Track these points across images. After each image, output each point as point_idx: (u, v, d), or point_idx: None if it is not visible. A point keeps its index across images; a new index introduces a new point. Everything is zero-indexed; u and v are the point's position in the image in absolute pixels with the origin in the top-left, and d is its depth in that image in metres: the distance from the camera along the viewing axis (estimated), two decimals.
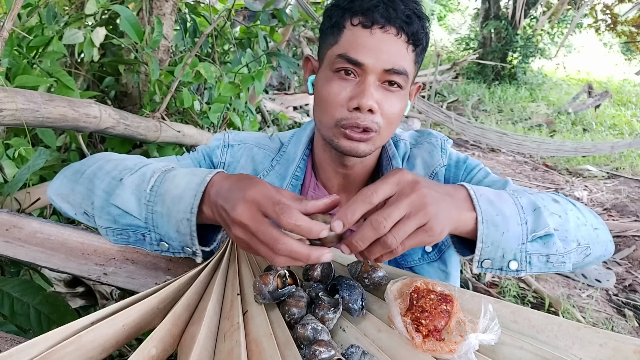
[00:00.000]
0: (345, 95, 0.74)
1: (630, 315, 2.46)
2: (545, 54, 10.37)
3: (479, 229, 0.59)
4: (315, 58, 0.85)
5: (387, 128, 0.77)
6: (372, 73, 0.72)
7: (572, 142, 4.75)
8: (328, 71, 0.77)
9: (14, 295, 0.89)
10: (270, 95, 5.52)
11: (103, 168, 0.69)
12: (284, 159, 0.90)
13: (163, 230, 0.62)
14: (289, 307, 0.57)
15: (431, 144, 0.91)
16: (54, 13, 1.61)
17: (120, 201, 0.63)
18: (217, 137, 0.92)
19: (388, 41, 0.72)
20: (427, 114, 4.70)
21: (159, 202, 0.61)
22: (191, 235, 0.60)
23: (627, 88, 10.68)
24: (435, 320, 0.54)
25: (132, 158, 0.73)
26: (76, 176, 0.71)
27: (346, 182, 0.89)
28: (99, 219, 0.66)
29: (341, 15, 0.74)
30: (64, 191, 0.72)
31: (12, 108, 1.09)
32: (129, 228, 0.64)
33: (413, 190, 0.54)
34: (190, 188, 0.60)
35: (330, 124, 0.77)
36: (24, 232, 0.79)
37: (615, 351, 0.53)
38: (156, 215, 0.61)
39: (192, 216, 0.59)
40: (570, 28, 8.40)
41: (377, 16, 0.71)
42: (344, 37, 0.74)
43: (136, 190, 0.63)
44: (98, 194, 0.66)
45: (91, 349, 0.50)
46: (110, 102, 2.06)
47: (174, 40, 2.15)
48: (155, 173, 0.64)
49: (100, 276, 0.72)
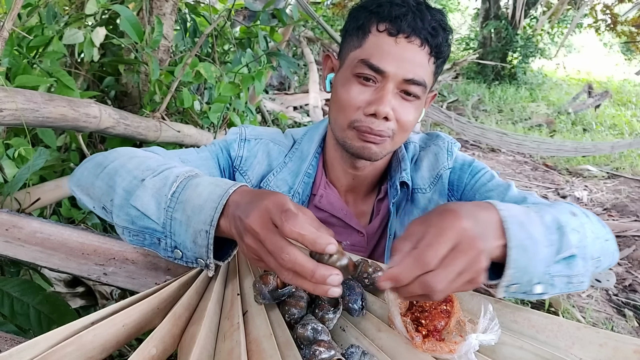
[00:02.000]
0: (363, 100, 0.75)
1: (630, 315, 2.46)
2: (545, 54, 10.37)
3: (509, 255, 0.54)
4: (335, 56, 0.85)
5: (400, 135, 0.78)
6: (392, 81, 0.73)
7: (572, 142, 4.75)
8: (348, 73, 0.77)
9: (13, 295, 0.89)
10: (270, 95, 5.52)
11: (125, 166, 0.67)
12: (296, 156, 0.90)
13: (180, 239, 0.60)
14: (289, 307, 0.57)
15: (438, 146, 0.91)
16: (54, 13, 1.61)
17: (140, 203, 0.61)
18: (234, 131, 0.92)
19: (411, 51, 0.72)
20: (427, 113, 4.70)
21: (179, 210, 0.59)
22: (207, 248, 0.57)
23: (627, 88, 10.67)
24: (435, 320, 0.54)
25: (155, 158, 0.71)
26: (97, 170, 0.69)
27: (355, 182, 0.90)
28: (117, 218, 0.64)
29: (368, 19, 0.74)
30: (84, 183, 0.71)
31: (12, 108, 1.09)
32: (146, 231, 0.62)
33: (471, 249, 0.49)
34: (212, 199, 0.57)
35: (344, 125, 0.78)
36: (23, 232, 0.79)
37: (615, 351, 0.53)
38: (175, 222, 0.59)
39: (212, 229, 0.56)
40: (570, 28, 8.40)
41: (404, 25, 0.71)
42: (368, 41, 0.74)
43: (157, 193, 0.61)
44: (118, 192, 0.64)
45: (91, 349, 0.50)
46: (110, 102, 2.05)
47: (174, 40, 2.15)
48: (179, 178, 0.62)
49: (100, 276, 0.72)
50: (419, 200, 0.88)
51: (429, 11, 0.73)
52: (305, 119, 4.91)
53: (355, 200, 0.92)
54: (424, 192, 0.89)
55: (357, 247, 0.89)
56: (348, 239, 0.89)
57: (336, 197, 0.89)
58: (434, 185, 0.89)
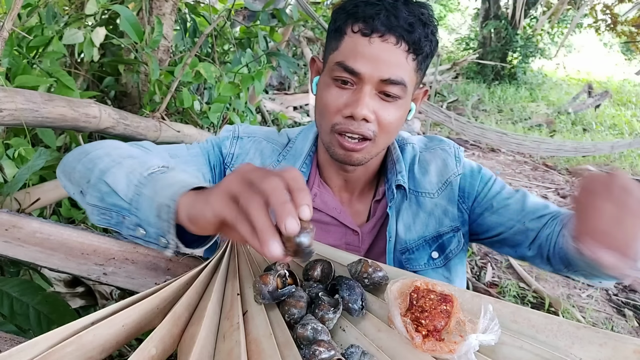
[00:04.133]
0: (341, 102, 0.74)
1: (630, 315, 2.46)
2: (545, 54, 10.38)
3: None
4: (320, 59, 0.85)
5: (383, 136, 0.77)
6: (368, 82, 0.72)
7: (572, 142, 4.75)
8: (328, 76, 0.76)
9: (13, 295, 0.89)
10: (270, 95, 5.52)
11: (110, 154, 0.67)
12: (290, 155, 0.90)
13: (144, 215, 0.58)
14: (289, 307, 0.57)
15: (445, 151, 0.90)
16: (54, 13, 1.61)
17: (112, 179, 0.61)
18: (227, 129, 0.91)
19: (387, 51, 0.71)
20: (427, 113, 4.70)
21: (150, 186, 0.59)
22: (169, 223, 0.55)
23: (627, 88, 10.68)
24: (435, 320, 0.54)
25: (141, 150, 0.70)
26: (81, 156, 0.70)
27: (348, 183, 0.90)
28: (89, 196, 0.63)
29: (344, 20, 0.74)
30: (67, 169, 0.71)
31: (11, 108, 1.09)
32: (113, 208, 0.61)
33: None
34: (183, 180, 0.57)
35: (327, 128, 0.78)
36: (23, 232, 0.79)
37: (615, 351, 0.53)
38: (142, 198, 0.58)
39: (174, 203, 0.54)
40: (570, 28, 8.40)
41: (378, 24, 0.70)
42: (344, 43, 0.74)
43: (131, 173, 0.61)
44: (95, 172, 0.64)
45: (91, 349, 0.50)
46: (110, 102, 2.06)
47: (173, 40, 2.15)
48: (159, 166, 0.62)
49: (100, 276, 0.72)
50: (426, 204, 0.88)
51: (406, 6, 0.71)
52: (305, 119, 4.91)
53: (350, 199, 0.92)
54: (431, 196, 0.88)
55: (352, 246, 0.89)
56: (343, 238, 0.89)
57: (330, 196, 0.89)
58: (442, 190, 0.88)
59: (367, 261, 0.64)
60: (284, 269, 0.60)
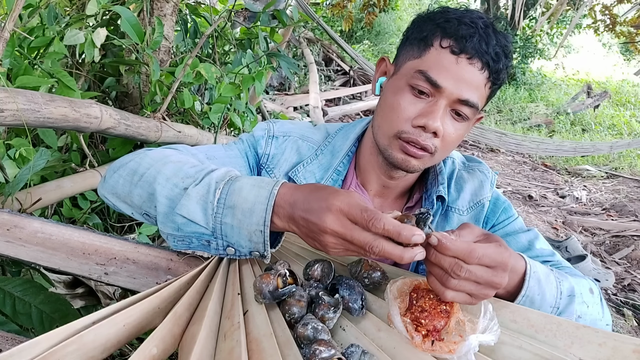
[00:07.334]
0: (414, 111, 0.74)
1: (629, 315, 2.46)
2: (545, 55, 10.38)
3: (517, 299, 0.65)
4: (389, 61, 0.84)
5: (442, 152, 0.78)
6: (446, 98, 0.73)
7: (571, 142, 4.76)
8: (403, 82, 0.76)
9: (15, 295, 0.89)
10: (271, 95, 5.53)
11: (162, 172, 0.68)
12: (328, 150, 0.90)
13: (233, 239, 0.62)
14: (290, 307, 0.58)
15: (483, 173, 0.91)
16: (55, 14, 1.62)
17: (187, 212, 0.63)
18: (261, 127, 0.91)
19: (471, 73, 0.72)
20: None
21: (229, 215, 0.61)
22: (264, 243, 0.61)
23: (626, 88, 10.68)
24: (435, 320, 0.55)
25: (189, 162, 0.71)
26: (134, 178, 0.70)
27: (385, 189, 0.89)
28: (162, 225, 0.66)
29: (432, 32, 0.74)
30: (120, 192, 0.72)
31: (13, 108, 1.09)
32: (194, 235, 0.64)
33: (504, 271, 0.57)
34: (259, 202, 0.60)
35: (390, 133, 0.77)
36: (25, 232, 0.80)
37: (614, 351, 0.53)
38: (225, 227, 0.62)
39: (266, 228, 0.60)
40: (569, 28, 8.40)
41: (469, 46, 0.71)
42: (429, 55, 0.73)
43: (202, 200, 0.63)
44: (161, 200, 0.65)
45: (92, 348, 0.50)
46: (111, 103, 2.06)
47: (174, 41, 2.15)
48: (219, 183, 0.63)
49: (101, 276, 0.73)
50: (453, 219, 0.88)
51: (495, 35, 0.72)
52: (306, 119, 4.91)
53: (383, 204, 0.91)
54: (460, 213, 0.88)
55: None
56: None
57: (366, 199, 0.88)
58: (472, 210, 0.89)
59: (367, 261, 0.64)
60: (284, 268, 0.60)
